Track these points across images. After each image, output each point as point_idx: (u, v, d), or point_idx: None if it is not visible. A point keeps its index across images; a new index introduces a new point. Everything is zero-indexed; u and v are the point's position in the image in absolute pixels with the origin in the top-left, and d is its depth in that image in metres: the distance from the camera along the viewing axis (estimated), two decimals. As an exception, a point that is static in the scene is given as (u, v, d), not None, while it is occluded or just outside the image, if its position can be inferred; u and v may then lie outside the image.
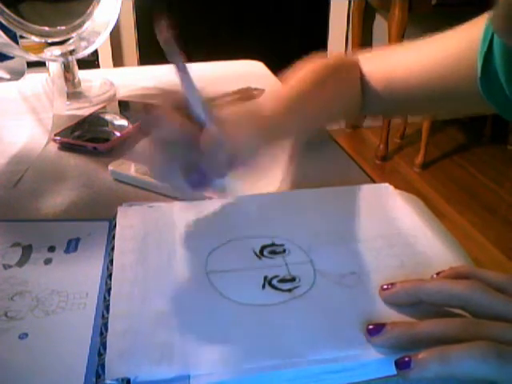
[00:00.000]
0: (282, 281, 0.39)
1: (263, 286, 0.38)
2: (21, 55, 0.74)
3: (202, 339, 0.33)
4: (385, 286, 0.36)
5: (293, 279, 0.39)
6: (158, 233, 0.44)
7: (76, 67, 0.82)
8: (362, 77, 0.64)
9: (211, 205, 0.49)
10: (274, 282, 0.39)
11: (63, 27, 0.77)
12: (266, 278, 0.39)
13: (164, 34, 0.37)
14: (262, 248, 0.42)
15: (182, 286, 0.38)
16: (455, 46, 0.58)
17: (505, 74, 0.53)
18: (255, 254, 0.42)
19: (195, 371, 0.31)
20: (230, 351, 0.32)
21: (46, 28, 0.76)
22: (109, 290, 0.38)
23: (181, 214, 0.46)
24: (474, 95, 0.56)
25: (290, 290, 0.38)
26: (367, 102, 0.64)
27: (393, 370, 0.31)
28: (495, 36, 0.52)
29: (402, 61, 0.63)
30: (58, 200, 0.54)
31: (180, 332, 0.34)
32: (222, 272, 0.40)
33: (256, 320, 0.35)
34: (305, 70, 0.58)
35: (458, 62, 0.57)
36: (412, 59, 0.61)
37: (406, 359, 0.30)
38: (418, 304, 0.35)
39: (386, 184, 0.51)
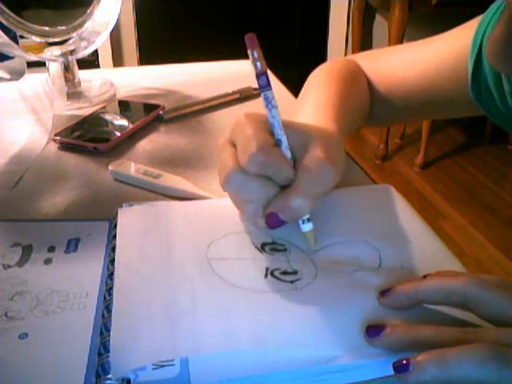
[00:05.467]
0: (284, 273, 0.39)
1: (265, 276, 0.38)
2: (21, 55, 0.74)
3: (203, 322, 0.33)
4: (383, 293, 0.36)
5: (295, 272, 0.39)
6: (158, 229, 0.44)
7: (76, 67, 0.82)
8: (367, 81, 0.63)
9: (211, 204, 0.49)
10: (276, 273, 0.39)
11: (63, 27, 0.77)
12: (267, 268, 0.39)
13: (254, 49, 0.38)
14: (263, 245, 0.42)
15: (182, 273, 0.38)
16: (447, 51, 0.57)
17: (494, 79, 0.52)
18: (256, 247, 0.42)
19: (198, 353, 0.31)
20: (232, 333, 0.33)
21: (46, 28, 0.76)
22: (109, 290, 0.38)
23: (181, 213, 0.46)
24: (467, 100, 0.55)
25: (292, 282, 0.38)
26: (374, 107, 0.63)
27: (392, 370, 0.31)
28: (483, 42, 0.52)
29: (397, 65, 0.62)
30: (57, 200, 0.54)
31: (181, 316, 0.34)
32: (224, 259, 0.40)
33: (258, 304, 0.35)
34: (327, 84, 0.57)
35: (451, 68, 0.56)
36: (407, 63, 0.61)
37: (405, 362, 0.29)
38: (418, 305, 0.35)
39: (387, 185, 0.51)
